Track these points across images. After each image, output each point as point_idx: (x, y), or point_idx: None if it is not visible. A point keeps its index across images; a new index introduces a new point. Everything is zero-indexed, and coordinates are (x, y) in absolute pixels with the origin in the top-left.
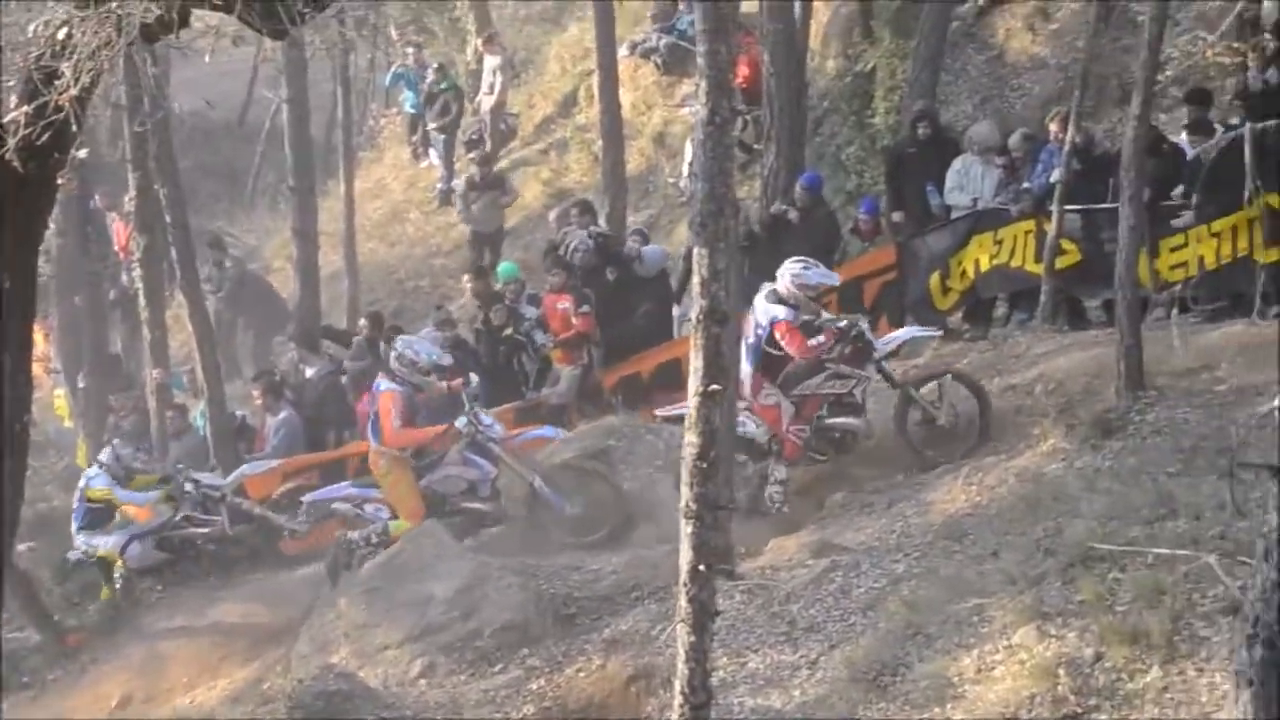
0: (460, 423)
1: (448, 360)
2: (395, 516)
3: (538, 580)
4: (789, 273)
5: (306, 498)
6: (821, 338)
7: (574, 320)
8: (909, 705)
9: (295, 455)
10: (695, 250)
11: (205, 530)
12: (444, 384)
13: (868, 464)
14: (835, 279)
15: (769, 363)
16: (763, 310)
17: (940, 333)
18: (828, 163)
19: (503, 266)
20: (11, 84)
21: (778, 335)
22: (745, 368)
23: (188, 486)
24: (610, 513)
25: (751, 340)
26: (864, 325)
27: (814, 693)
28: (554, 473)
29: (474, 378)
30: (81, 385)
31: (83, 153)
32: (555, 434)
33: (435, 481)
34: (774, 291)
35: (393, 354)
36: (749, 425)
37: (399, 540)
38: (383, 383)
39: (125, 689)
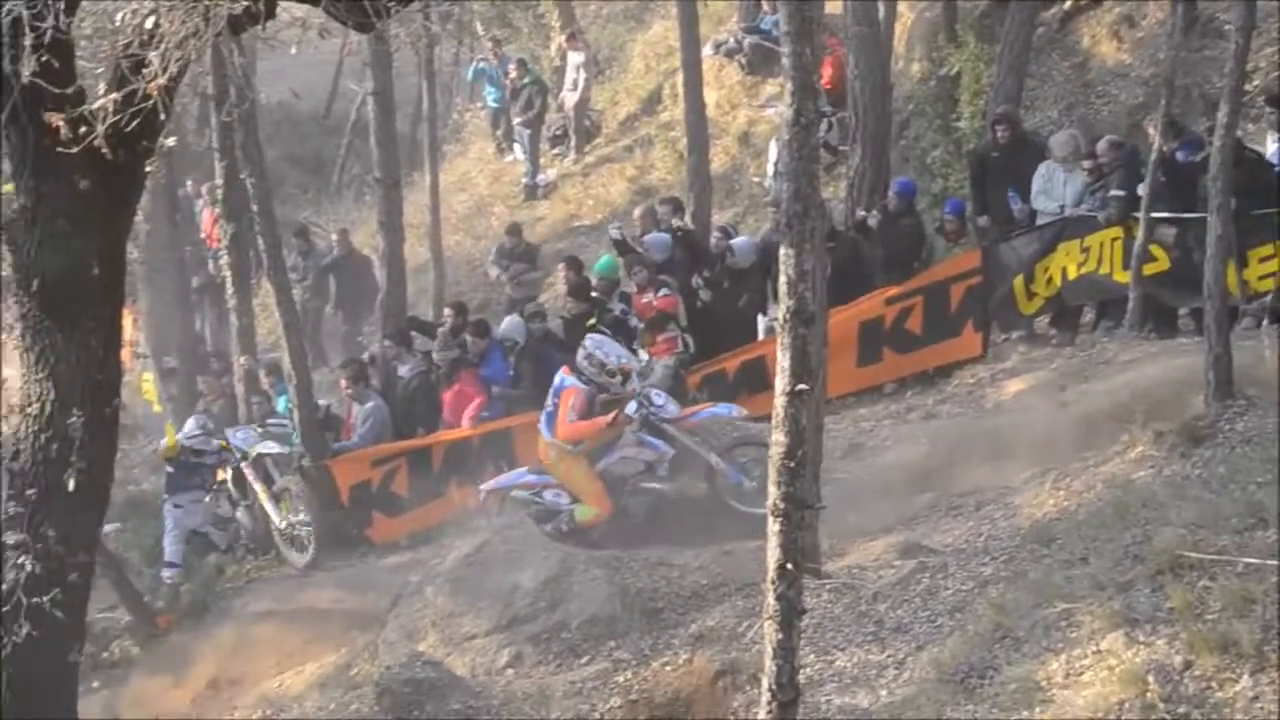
0: (630, 409)
1: (636, 363)
2: (576, 502)
3: (623, 574)
4: None
5: (484, 486)
6: None
7: (655, 303)
8: (996, 708)
9: (382, 444)
10: (782, 250)
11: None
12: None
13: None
14: None
15: None
16: None
17: None
18: (913, 165)
19: (602, 260)
20: (100, 71)
21: None
22: None
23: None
24: None
25: None
26: None
27: (901, 693)
28: (731, 448)
29: (643, 355)
30: (169, 369)
31: (170, 141)
32: (729, 411)
33: (612, 464)
34: None
35: (581, 352)
36: None
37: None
38: (567, 379)
39: (214, 671)
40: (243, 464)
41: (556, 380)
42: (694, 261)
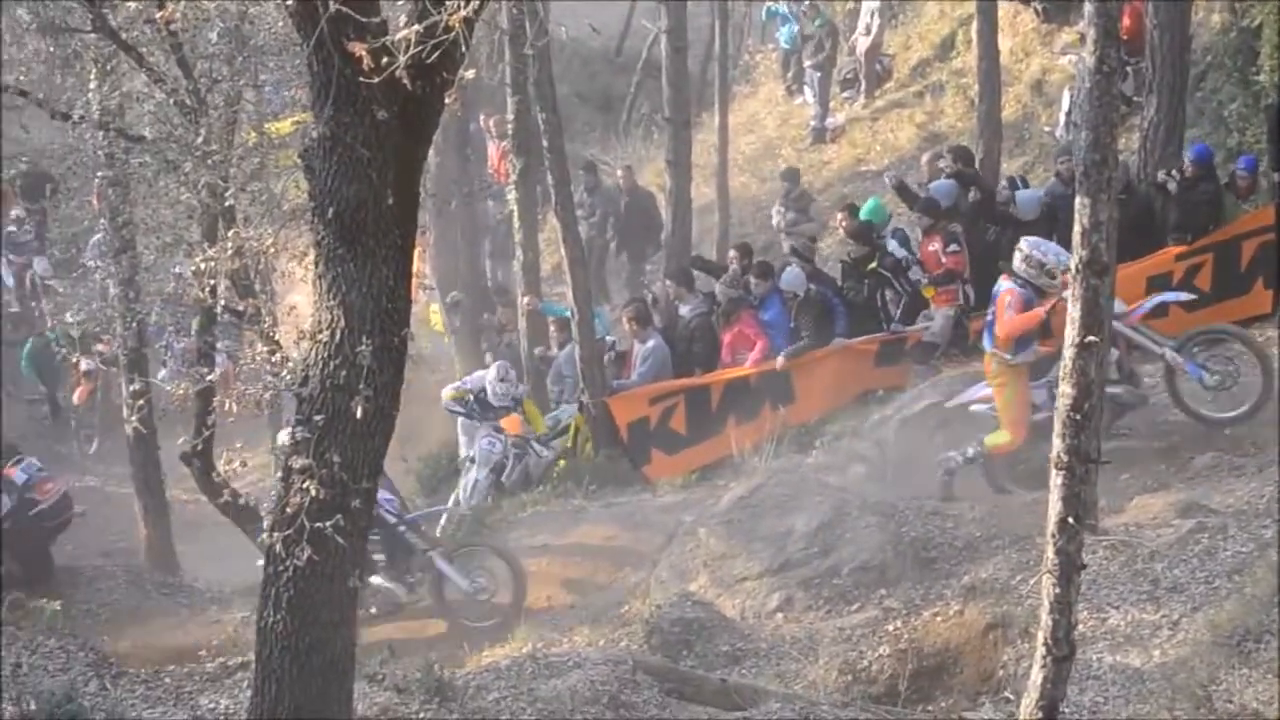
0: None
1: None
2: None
3: (896, 522)
4: None
5: (949, 404)
6: None
7: (943, 259)
8: (1271, 673)
9: (662, 382)
10: (1077, 200)
11: None
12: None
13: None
14: None
15: None
16: None
17: None
18: (1209, 118)
19: (869, 204)
20: (400, 3)
21: None
22: None
23: None
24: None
25: None
26: None
27: (1174, 654)
28: (1184, 343)
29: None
30: (454, 302)
31: (469, 74)
32: (1176, 297)
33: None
34: None
35: (1018, 255)
36: None
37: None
38: (1004, 283)
39: None
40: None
41: (995, 288)
42: (980, 209)
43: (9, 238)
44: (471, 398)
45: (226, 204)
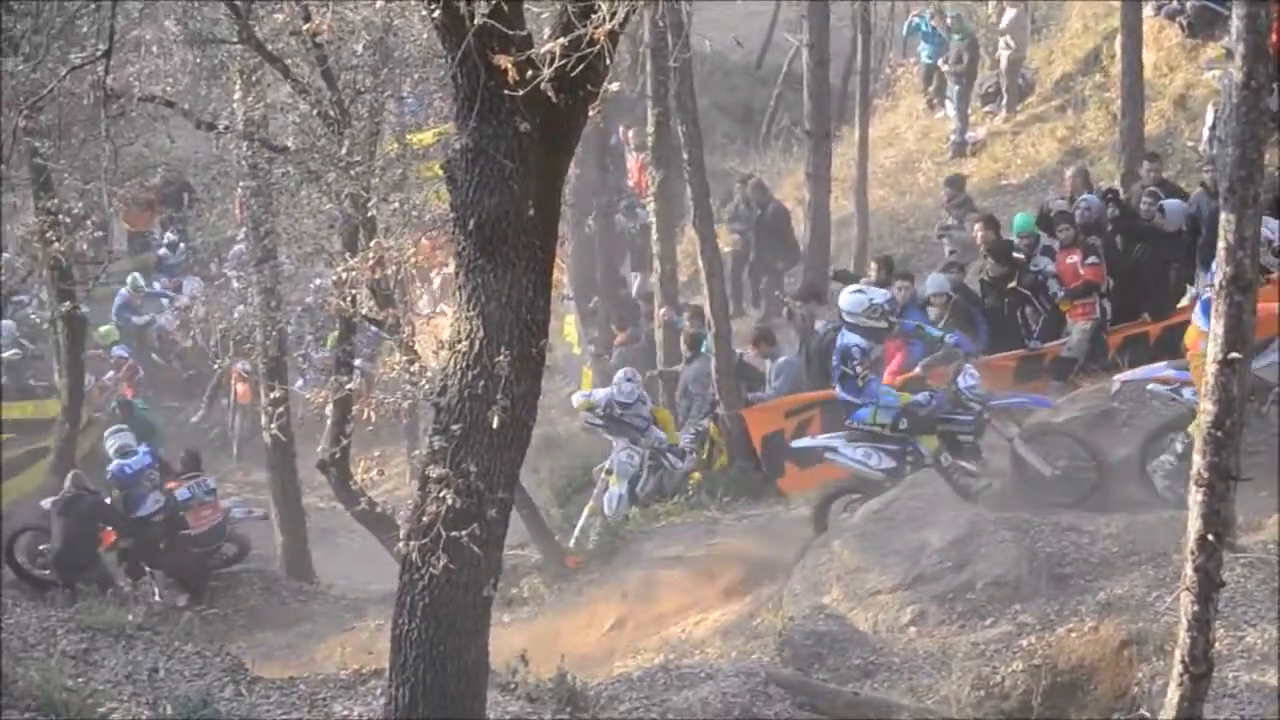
0: None
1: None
2: None
3: (1031, 537)
4: None
5: (1119, 377)
6: None
7: (1081, 271)
8: None
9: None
10: (1223, 216)
11: None
12: None
13: None
14: None
15: None
16: None
17: None
18: None
19: (1018, 219)
20: (544, 16)
21: None
22: None
23: None
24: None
25: None
26: None
27: None
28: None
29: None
30: (592, 312)
31: (614, 86)
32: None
33: (1262, 368)
34: None
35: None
36: None
37: None
38: None
39: (619, 612)
40: None
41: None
42: (1121, 225)
43: (161, 260)
44: (601, 411)
45: (368, 214)
